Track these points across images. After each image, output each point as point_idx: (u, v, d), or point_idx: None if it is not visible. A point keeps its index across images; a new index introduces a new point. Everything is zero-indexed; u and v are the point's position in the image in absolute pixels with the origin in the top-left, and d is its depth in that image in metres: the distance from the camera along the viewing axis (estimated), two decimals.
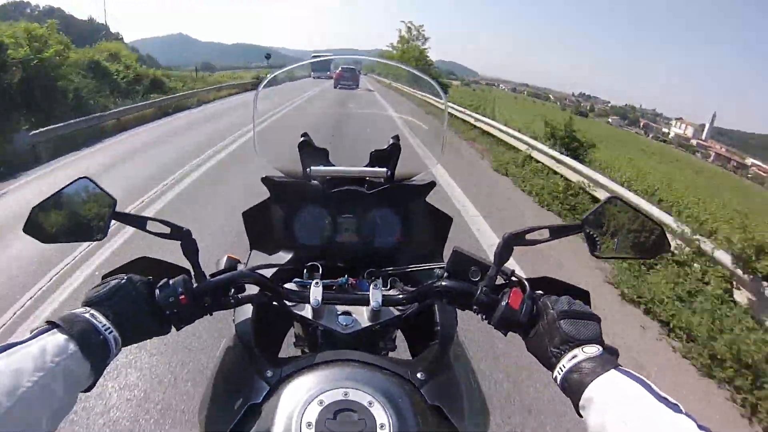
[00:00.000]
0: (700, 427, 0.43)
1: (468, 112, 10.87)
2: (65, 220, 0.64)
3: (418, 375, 0.64)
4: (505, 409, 1.98)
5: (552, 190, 5.52)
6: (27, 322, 2.49)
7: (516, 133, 7.97)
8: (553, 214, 5.13)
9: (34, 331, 0.49)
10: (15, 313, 2.60)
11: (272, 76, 1.03)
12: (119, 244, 3.41)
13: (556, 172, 6.06)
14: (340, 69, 2.40)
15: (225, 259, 0.79)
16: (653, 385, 0.48)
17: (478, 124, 9.89)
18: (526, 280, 0.65)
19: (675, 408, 0.45)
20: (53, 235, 0.65)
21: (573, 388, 0.52)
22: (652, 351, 2.68)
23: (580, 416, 0.53)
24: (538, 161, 6.65)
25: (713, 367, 2.51)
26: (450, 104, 9.43)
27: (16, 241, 3.44)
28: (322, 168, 0.89)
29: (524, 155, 6.97)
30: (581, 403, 0.51)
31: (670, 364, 2.60)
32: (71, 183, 0.62)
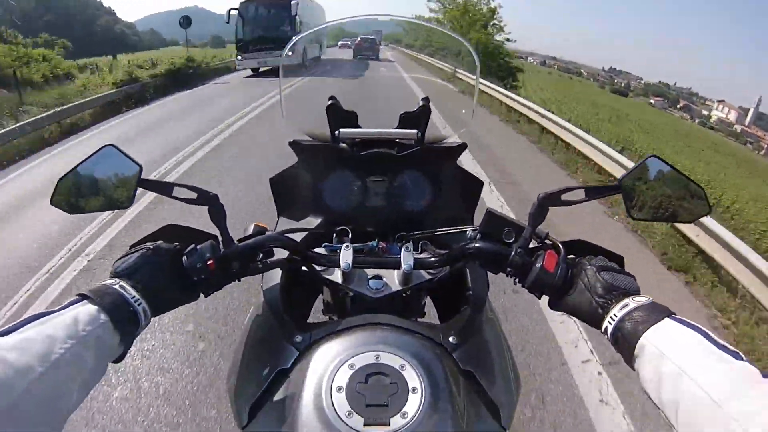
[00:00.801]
0: (763, 374, 0.41)
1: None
2: (91, 190, 0.64)
3: (450, 339, 0.64)
4: None
5: None
6: None
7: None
8: None
9: (66, 302, 0.51)
10: None
11: (295, 40, 1.03)
12: None
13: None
14: (359, 39, 2.36)
15: (252, 226, 0.79)
16: (711, 333, 0.47)
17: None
18: (561, 242, 0.64)
19: (735, 355, 0.44)
20: (80, 205, 0.65)
21: (627, 337, 0.51)
22: None
23: (633, 368, 0.51)
24: None
25: None
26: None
27: None
28: (351, 130, 0.88)
29: None
30: (635, 352, 0.50)
31: None
32: (96, 152, 0.62)
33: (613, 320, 0.53)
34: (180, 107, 9.31)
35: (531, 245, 0.65)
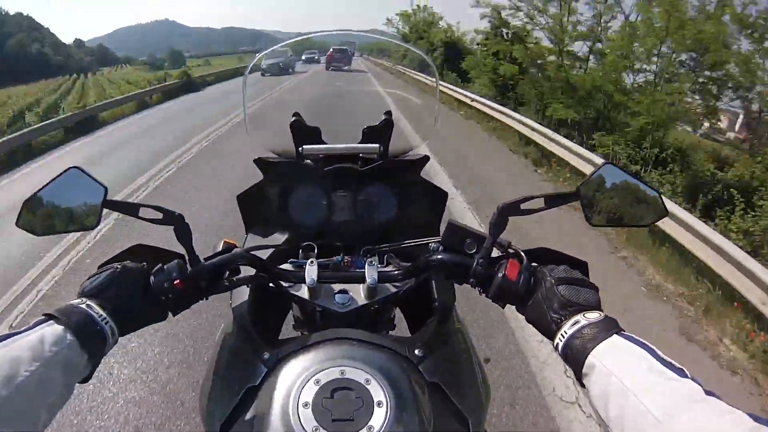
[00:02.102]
0: (706, 392, 0.43)
1: None
2: (57, 212, 0.66)
3: (416, 352, 0.65)
4: None
5: None
6: None
7: None
8: None
9: (32, 323, 0.51)
10: None
11: (257, 58, 1.04)
12: None
13: None
14: (331, 50, 2.41)
15: (221, 243, 0.80)
16: (657, 350, 0.48)
17: None
18: (524, 251, 0.65)
19: (680, 372, 0.45)
20: (46, 227, 0.67)
21: (576, 355, 0.52)
22: None
23: (583, 386, 0.52)
24: None
25: None
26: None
27: None
28: (314, 146, 0.90)
29: None
30: (584, 370, 0.51)
31: None
32: (61, 174, 0.63)
33: (564, 337, 0.54)
34: None
35: (494, 255, 0.67)
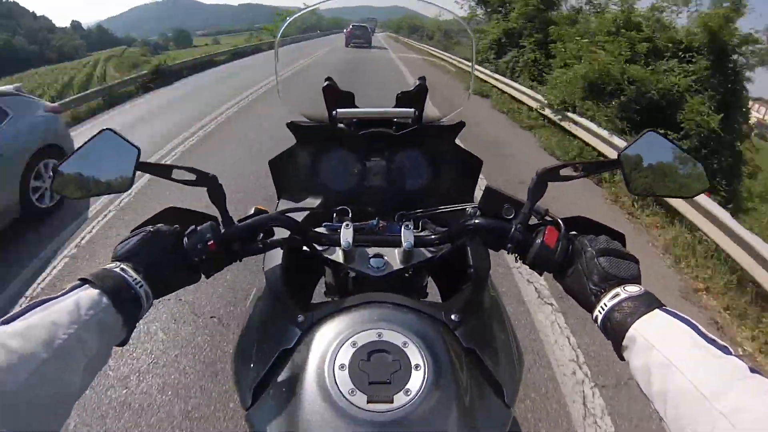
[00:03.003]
0: (751, 369, 0.42)
1: None
2: (91, 175, 0.67)
3: (452, 317, 0.65)
4: None
5: None
6: None
7: None
8: None
9: (67, 287, 0.52)
10: None
11: (289, 20, 1.05)
12: None
13: None
14: (351, 27, 2.39)
15: (253, 209, 0.80)
16: (700, 326, 0.48)
17: None
18: (561, 219, 0.65)
19: (724, 350, 0.45)
20: (81, 190, 0.68)
21: (615, 328, 0.52)
22: None
23: (622, 359, 0.53)
24: None
25: None
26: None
27: None
28: (348, 110, 0.90)
29: None
30: (624, 343, 0.51)
31: None
32: (94, 136, 0.64)
33: (603, 310, 0.55)
34: None
35: (531, 222, 0.67)
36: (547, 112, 7.03)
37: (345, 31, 2.39)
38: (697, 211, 3.74)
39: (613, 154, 1.97)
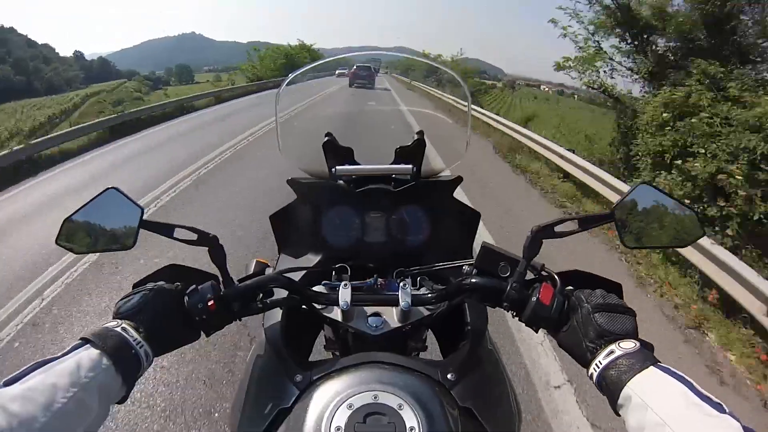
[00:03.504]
0: (744, 428, 0.43)
1: None
2: (95, 231, 0.69)
3: (449, 376, 0.66)
4: None
5: None
6: None
7: None
8: None
9: (69, 348, 0.54)
10: None
11: (293, 76, 1.10)
12: None
13: None
14: (355, 67, 2.48)
15: (254, 263, 0.84)
16: (695, 383, 0.49)
17: None
18: (557, 274, 0.66)
19: (718, 408, 0.45)
20: (84, 246, 0.70)
21: (610, 386, 0.53)
22: None
23: (618, 415, 0.53)
24: None
25: None
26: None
27: None
28: (347, 167, 0.92)
29: None
30: (619, 401, 0.52)
31: None
32: (99, 194, 0.67)
33: (598, 367, 0.55)
34: None
35: (527, 278, 0.68)
36: None
37: (347, 71, 2.48)
38: None
39: None
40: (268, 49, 34.92)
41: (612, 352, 0.55)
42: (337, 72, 1.59)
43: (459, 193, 1.00)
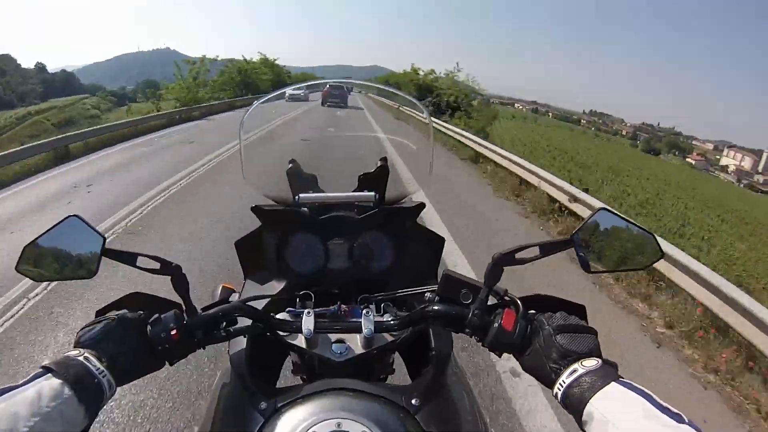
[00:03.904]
0: None
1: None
2: (56, 259, 0.69)
3: (413, 401, 0.66)
4: None
5: None
6: None
7: None
8: None
9: (30, 376, 0.52)
10: None
11: (256, 105, 1.08)
12: None
13: None
14: (327, 86, 2.50)
15: (220, 289, 0.84)
16: (655, 396, 0.51)
17: None
18: (520, 298, 0.68)
19: (677, 418, 0.47)
20: (45, 273, 0.70)
21: (574, 404, 0.54)
22: None
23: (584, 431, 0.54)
24: None
25: None
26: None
27: None
28: (310, 195, 0.94)
29: None
30: (583, 418, 0.53)
31: None
32: (60, 222, 0.67)
33: (562, 386, 0.57)
34: None
35: (491, 302, 0.69)
36: None
37: (302, 93, 2.48)
38: None
39: None
40: (220, 63, 30.00)
41: (575, 371, 0.56)
42: (288, 93, 1.51)
43: (431, 216, 1.01)
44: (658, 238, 0.70)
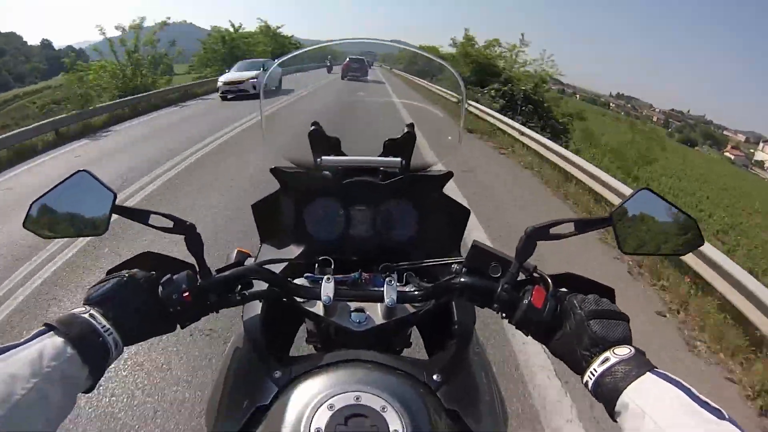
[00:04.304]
0: None
1: None
2: (65, 215, 0.67)
3: (434, 377, 0.65)
4: None
5: None
6: None
7: None
8: None
9: (31, 334, 0.51)
10: None
11: (273, 67, 1.06)
12: None
13: None
14: (347, 60, 2.46)
15: (235, 252, 0.82)
16: (693, 389, 0.48)
17: None
18: (549, 276, 0.65)
19: (717, 413, 0.45)
20: (53, 230, 0.68)
21: (607, 394, 0.52)
22: None
23: (615, 422, 0.53)
24: None
25: None
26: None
27: None
28: (333, 158, 0.91)
29: None
30: (616, 408, 0.51)
31: None
32: (69, 177, 0.65)
33: (593, 375, 0.55)
34: None
35: (519, 278, 0.66)
36: None
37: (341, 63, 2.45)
38: None
39: None
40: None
41: (607, 359, 0.54)
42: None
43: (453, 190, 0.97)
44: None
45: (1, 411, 0.42)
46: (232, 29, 25.64)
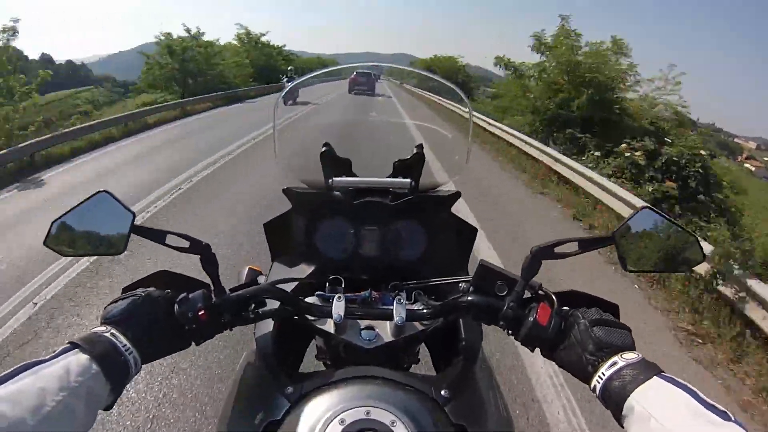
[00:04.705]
0: None
1: None
2: (85, 234, 0.69)
3: (442, 392, 0.66)
4: None
5: None
6: None
7: None
8: None
9: (57, 351, 0.53)
10: None
11: (291, 85, 1.09)
12: None
13: None
14: (354, 74, 2.52)
15: (246, 270, 0.84)
16: (699, 392, 0.49)
17: None
18: (554, 293, 0.67)
19: (723, 416, 0.46)
20: (73, 249, 0.70)
21: (614, 397, 0.53)
22: None
23: (622, 426, 0.53)
24: None
25: None
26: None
27: None
28: (344, 179, 0.93)
29: None
30: (623, 412, 0.52)
31: None
32: (90, 197, 0.67)
33: (602, 379, 0.56)
34: None
35: (525, 296, 0.69)
36: None
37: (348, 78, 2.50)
38: None
39: None
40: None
41: (615, 363, 0.56)
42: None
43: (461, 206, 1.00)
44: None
45: (31, 421, 0.44)
46: (187, 35, 18.74)
